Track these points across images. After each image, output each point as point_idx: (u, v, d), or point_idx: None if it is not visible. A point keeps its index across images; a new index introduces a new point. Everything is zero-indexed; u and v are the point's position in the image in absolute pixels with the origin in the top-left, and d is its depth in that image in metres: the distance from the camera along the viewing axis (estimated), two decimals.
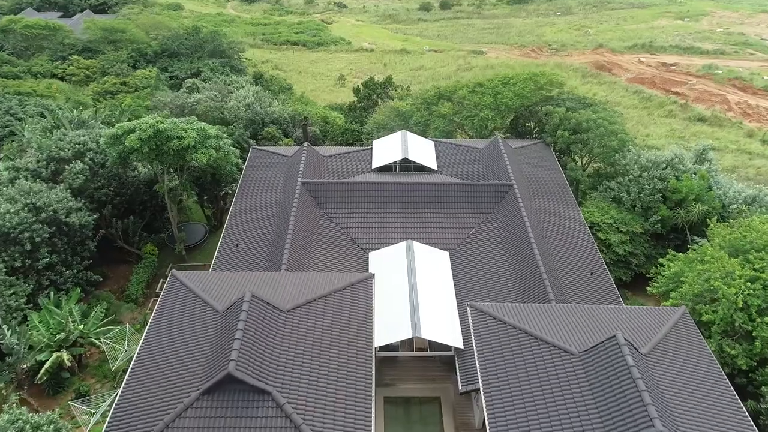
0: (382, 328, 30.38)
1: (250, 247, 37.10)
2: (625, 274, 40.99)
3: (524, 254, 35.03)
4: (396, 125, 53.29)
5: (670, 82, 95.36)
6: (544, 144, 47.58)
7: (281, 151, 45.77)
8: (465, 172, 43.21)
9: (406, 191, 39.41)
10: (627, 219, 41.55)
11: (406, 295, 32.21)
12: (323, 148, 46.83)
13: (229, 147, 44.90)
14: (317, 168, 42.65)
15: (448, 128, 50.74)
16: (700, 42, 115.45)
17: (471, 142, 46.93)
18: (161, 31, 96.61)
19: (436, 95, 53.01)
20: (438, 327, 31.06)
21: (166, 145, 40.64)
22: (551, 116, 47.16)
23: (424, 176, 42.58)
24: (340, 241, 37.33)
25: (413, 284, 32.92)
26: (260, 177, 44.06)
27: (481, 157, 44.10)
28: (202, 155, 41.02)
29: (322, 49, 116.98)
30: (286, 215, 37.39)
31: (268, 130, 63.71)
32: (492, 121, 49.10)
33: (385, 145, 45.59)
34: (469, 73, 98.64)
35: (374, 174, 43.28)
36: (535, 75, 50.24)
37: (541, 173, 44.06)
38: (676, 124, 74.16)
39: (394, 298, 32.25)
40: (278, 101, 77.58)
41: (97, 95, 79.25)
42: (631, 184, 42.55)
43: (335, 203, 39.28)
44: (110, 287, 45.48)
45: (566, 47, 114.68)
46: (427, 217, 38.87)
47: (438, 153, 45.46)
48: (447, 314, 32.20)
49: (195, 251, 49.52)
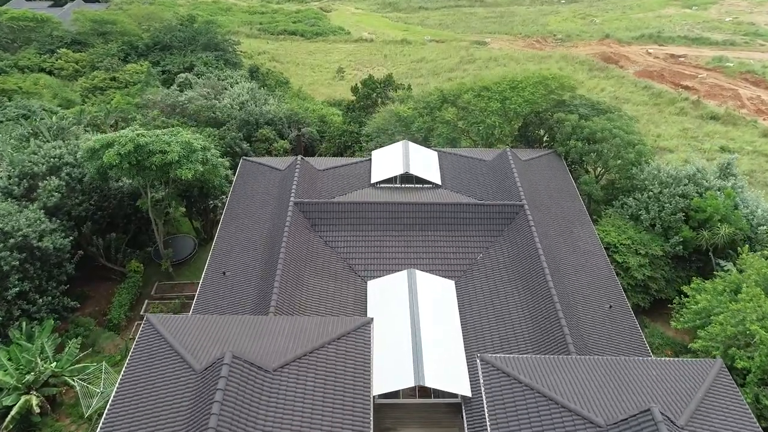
0: (382, 374, 27.06)
1: (238, 276, 33.65)
2: (644, 299, 37.62)
3: (537, 287, 31.58)
4: (397, 131, 49.62)
5: (679, 75, 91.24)
6: (555, 155, 43.92)
7: (273, 163, 42.14)
8: (471, 187, 39.67)
9: (408, 212, 35.90)
10: (646, 240, 38.07)
11: (408, 336, 28.83)
12: (318, 160, 43.20)
13: (218, 159, 41.33)
14: (311, 184, 39.08)
15: (453, 135, 47.06)
16: (709, 32, 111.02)
17: (477, 152, 43.26)
18: (154, 22, 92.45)
19: (440, 99, 49.22)
20: (443, 373, 27.71)
21: (148, 160, 37.10)
22: (563, 125, 43.47)
23: (427, 192, 39.09)
24: (335, 269, 33.88)
25: (416, 322, 29.54)
26: (251, 192, 40.52)
27: (489, 170, 40.51)
28: (187, 171, 37.45)
29: (321, 40, 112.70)
30: (278, 240, 33.92)
31: (263, 131, 60.06)
32: (499, 128, 45.40)
33: (385, 156, 41.97)
34: (472, 66, 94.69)
35: (373, 189, 39.76)
36: (545, 78, 46.41)
37: (553, 188, 40.50)
38: (689, 122, 70.32)
39: (395, 340, 28.87)
40: (274, 97, 73.97)
41: (85, 91, 75.56)
42: (650, 201, 38.98)
43: (331, 225, 35.79)
44: (92, 308, 42.17)
45: (571, 37, 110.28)
46: (430, 239, 35.40)
47: (442, 165, 41.89)
48: (453, 357, 28.83)
49: (183, 267, 46.12)
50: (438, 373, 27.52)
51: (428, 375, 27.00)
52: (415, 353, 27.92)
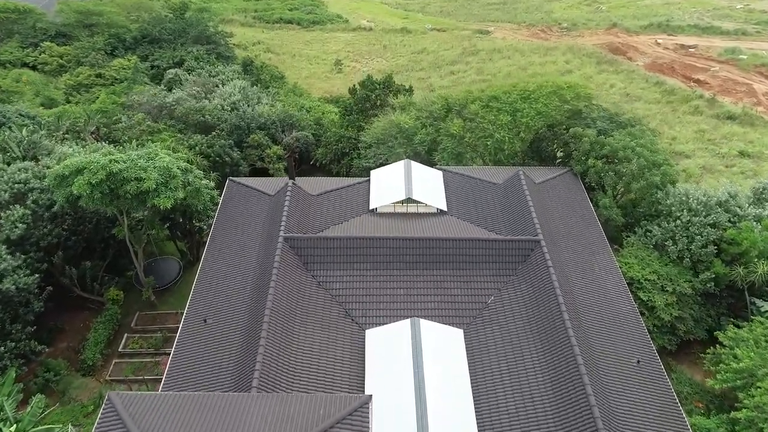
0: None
1: (220, 324, 29.57)
2: (670, 341, 33.66)
3: (557, 340, 27.50)
4: (398, 143, 45.21)
5: (690, 68, 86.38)
6: (571, 175, 39.57)
7: (262, 186, 37.77)
8: (480, 215, 35.47)
9: (411, 248, 31.69)
10: (673, 274, 33.99)
11: (412, 407, 24.88)
12: (311, 182, 38.77)
13: (201, 182, 37.03)
14: (304, 212, 34.84)
15: (458, 150, 42.67)
16: (720, 20, 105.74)
17: (486, 172, 38.89)
18: (143, 12, 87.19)
19: (444, 108, 44.71)
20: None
21: (122, 188, 32.86)
22: (580, 141, 39.12)
23: (432, 221, 34.92)
24: (330, 316, 29.78)
25: (420, 386, 25.53)
26: (237, 218, 36.28)
27: (500, 195, 36.25)
28: (166, 200, 33.21)
29: (318, 28, 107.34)
30: (265, 282, 29.78)
31: (255, 137, 55.66)
32: (509, 144, 41.00)
33: (385, 177, 37.68)
34: (475, 58, 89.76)
35: (372, 217, 35.56)
36: (559, 88, 41.85)
37: (570, 215, 36.29)
38: (704, 122, 65.79)
39: (398, 411, 24.94)
40: (267, 95, 69.32)
41: (69, 89, 70.79)
42: (677, 230, 34.81)
43: (325, 263, 31.62)
44: (66, 344, 38.27)
45: (577, 26, 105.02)
46: (436, 279, 31.26)
47: (448, 187, 37.62)
48: (462, 429, 24.99)
49: (167, 293, 42.07)
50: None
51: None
52: (420, 428, 24.07)
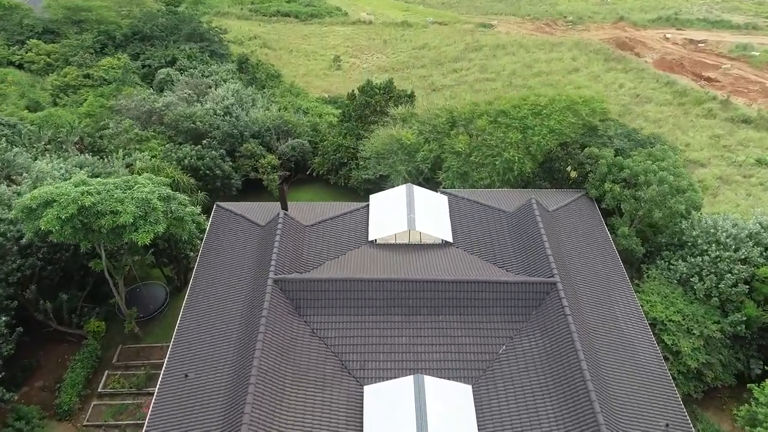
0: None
1: (202, 380, 26.38)
2: (696, 388, 30.47)
3: (576, 397, 24.31)
4: (398, 160, 41.76)
5: (700, 65, 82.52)
6: (586, 199, 36.14)
7: (252, 214, 34.32)
8: (488, 247, 32.11)
9: (415, 291, 28.35)
10: (699, 315, 30.73)
11: None
12: (306, 207, 35.30)
13: (185, 209, 33.62)
14: (296, 246, 31.49)
15: (464, 169, 39.23)
16: (729, 14, 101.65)
17: (495, 197, 35.43)
18: (135, 7, 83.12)
19: (449, 122, 41.18)
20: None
21: (96, 222, 29.50)
22: (597, 162, 35.68)
23: (436, 254, 31.58)
24: (325, 370, 26.55)
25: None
26: (225, 250, 32.95)
27: (510, 225, 32.87)
28: (145, 235, 29.82)
29: (316, 22, 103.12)
30: (253, 331, 26.58)
31: (248, 146, 52.18)
32: (519, 164, 37.52)
33: (386, 204, 34.27)
34: (478, 54, 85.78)
35: (371, 249, 32.23)
36: (574, 103, 38.26)
37: (587, 248, 32.92)
38: (718, 127, 62.14)
39: None
40: (263, 97, 65.66)
41: (56, 90, 67.06)
42: (705, 266, 31.52)
43: (319, 308, 28.32)
44: (42, 381, 35.13)
45: (583, 20, 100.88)
46: (441, 327, 27.98)
47: (453, 214, 34.23)
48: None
49: (153, 322, 38.85)
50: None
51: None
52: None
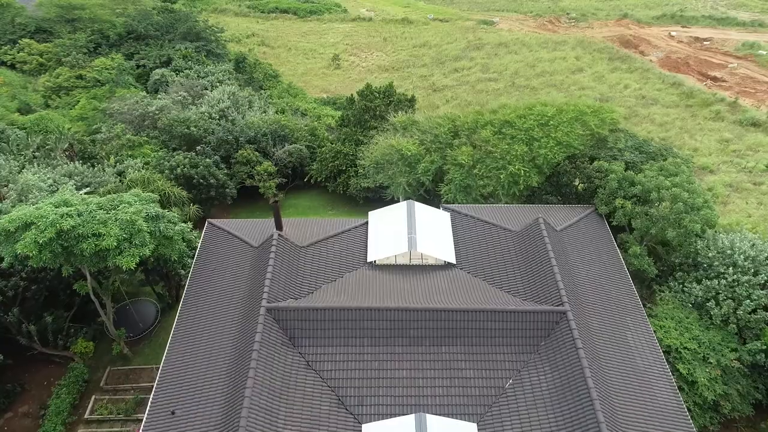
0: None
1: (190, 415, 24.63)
2: (713, 420, 28.68)
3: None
4: (399, 171, 39.80)
5: (706, 64, 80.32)
6: (596, 216, 34.19)
7: (244, 233, 32.40)
8: (494, 270, 30.19)
9: (417, 320, 26.51)
10: (716, 342, 28.90)
11: None
12: (302, 225, 33.32)
13: (175, 227, 31.72)
14: (291, 269, 29.56)
15: (467, 181, 37.27)
16: (735, 10, 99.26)
17: (500, 213, 33.47)
18: (129, 5, 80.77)
19: (451, 131, 39.20)
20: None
21: (77, 246, 27.62)
22: (606, 177, 33.73)
23: (439, 278, 29.70)
24: (320, 406, 24.74)
25: None
26: (217, 272, 31.06)
27: (516, 246, 30.93)
28: (130, 259, 27.97)
29: (315, 19, 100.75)
30: (244, 365, 24.77)
31: (243, 152, 50.21)
32: (525, 178, 35.58)
33: (385, 222, 32.33)
34: (479, 53, 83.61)
35: (370, 271, 30.33)
36: (582, 113, 36.24)
37: (597, 269, 30.96)
38: (727, 130, 60.11)
39: None
40: (260, 98, 63.62)
41: (49, 91, 65.05)
42: (722, 290, 29.66)
43: (315, 338, 26.45)
44: (27, 406, 33.39)
45: (586, 16, 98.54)
46: (445, 359, 26.10)
47: (456, 233, 32.29)
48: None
49: (143, 342, 37.07)
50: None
51: None
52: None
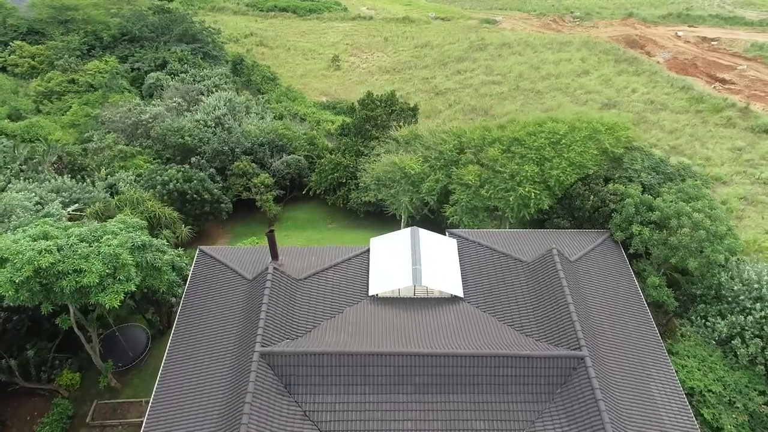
0: None
1: None
2: None
3: None
4: (402, 190, 37.48)
5: (714, 65, 77.79)
6: (611, 243, 31.83)
7: (237, 263, 30.09)
8: (504, 305, 27.93)
9: (423, 367, 24.30)
10: (743, 385, 26.70)
11: None
12: (299, 254, 31.03)
13: (164, 257, 29.42)
14: (287, 305, 27.29)
15: (474, 203, 34.96)
16: (743, 9, 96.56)
17: (509, 240, 31.14)
18: (125, 5, 78.10)
19: (457, 147, 36.84)
20: None
21: (56, 284, 25.38)
22: (623, 202, 31.40)
23: (445, 314, 27.47)
24: None
25: None
26: (209, 305, 28.81)
27: (528, 280, 28.62)
28: (113, 296, 25.71)
29: (315, 17, 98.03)
30: (236, 418, 22.59)
31: (239, 164, 47.85)
32: (536, 200, 33.27)
33: (388, 252, 29.99)
34: (482, 54, 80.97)
35: (372, 306, 28.08)
36: (596, 131, 33.85)
37: (615, 304, 28.69)
38: (739, 137, 57.70)
39: None
40: (257, 104, 61.19)
41: (40, 96, 62.56)
42: (749, 326, 27.44)
43: (312, 385, 24.21)
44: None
45: (591, 15, 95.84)
46: (452, 408, 23.87)
47: (464, 262, 29.97)
48: None
49: (133, 371, 34.85)
50: None
51: None
52: None
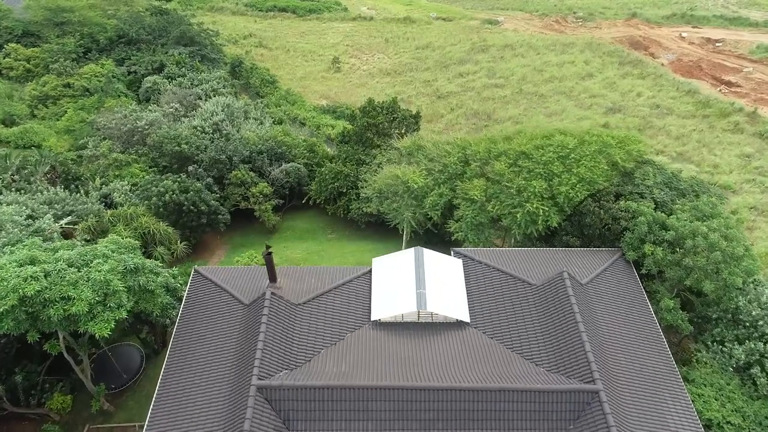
0: None
1: None
2: None
3: None
4: (404, 204, 36.08)
5: (720, 67, 76.23)
6: (623, 263, 30.40)
7: (234, 285, 28.68)
8: (512, 331, 26.54)
9: (429, 402, 22.99)
10: (762, 415, 25.35)
11: None
12: (298, 274, 29.61)
13: (156, 281, 28.02)
14: (286, 332, 25.92)
15: (479, 219, 33.56)
16: (747, 9, 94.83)
17: (517, 260, 29.74)
18: (122, 5, 76.47)
19: (461, 161, 35.44)
20: None
21: (43, 312, 24.02)
22: (635, 220, 30.01)
23: (451, 341, 26.11)
24: None
25: None
26: (204, 330, 27.43)
27: (538, 304, 27.22)
28: (103, 325, 24.36)
29: (314, 17, 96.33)
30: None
31: (237, 173, 46.42)
32: (544, 217, 31.84)
33: (391, 274, 28.57)
34: (485, 56, 79.42)
35: (374, 331, 26.71)
36: (606, 146, 32.41)
37: (628, 329, 27.26)
38: (747, 143, 56.29)
39: None
40: (256, 109, 59.73)
41: (35, 101, 61.04)
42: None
43: (312, 421, 22.86)
44: None
45: (594, 16, 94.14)
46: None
47: (470, 283, 28.56)
48: None
49: (127, 393, 33.53)
50: None
51: None
52: None
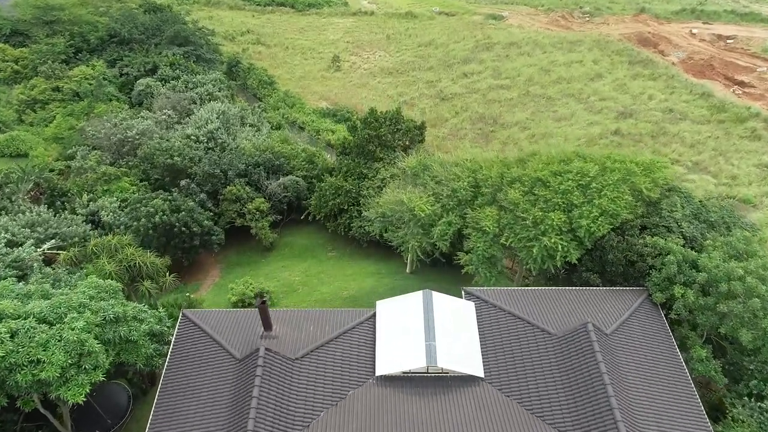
0: None
1: None
2: None
3: None
4: (410, 233, 33.18)
5: (732, 66, 72.84)
6: (650, 305, 27.55)
7: (225, 334, 25.88)
8: (531, 390, 23.77)
9: None
10: None
11: None
12: (294, 318, 26.78)
13: (140, 329, 25.21)
14: (282, 393, 23.17)
15: (492, 252, 30.68)
16: (759, 5, 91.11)
17: (534, 301, 26.94)
18: (113, 4, 72.92)
19: (472, 186, 32.45)
20: None
21: (10, 377, 21.27)
22: (662, 257, 27.15)
23: (464, 401, 23.39)
24: None
25: None
26: (193, 384, 24.72)
27: (560, 357, 24.42)
28: (77, 390, 21.62)
29: (314, 12, 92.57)
30: None
31: (232, 189, 43.50)
32: (563, 253, 28.95)
33: (397, 321, 25.75)
34: (489, 54, 76.00)
35: (379, 388, 23.96)
36: (630, 173, 29.41)
37: (657, 384, 24.49)
38: (765, 152, 53.21)
39: None
40: (253, 114, 56.65)
41: (23, 105, 57.97)
42: None
43: None
44: None
45: (601, 11, 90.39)
46: None
47: (484, 332, 25.81)
48: None
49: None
50: None
51: None
52: None
